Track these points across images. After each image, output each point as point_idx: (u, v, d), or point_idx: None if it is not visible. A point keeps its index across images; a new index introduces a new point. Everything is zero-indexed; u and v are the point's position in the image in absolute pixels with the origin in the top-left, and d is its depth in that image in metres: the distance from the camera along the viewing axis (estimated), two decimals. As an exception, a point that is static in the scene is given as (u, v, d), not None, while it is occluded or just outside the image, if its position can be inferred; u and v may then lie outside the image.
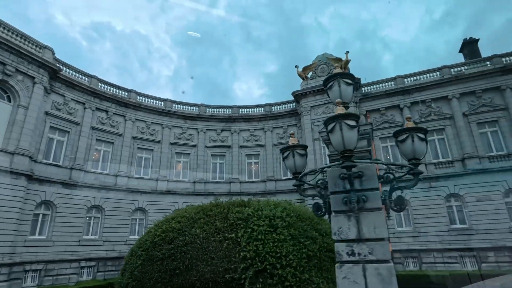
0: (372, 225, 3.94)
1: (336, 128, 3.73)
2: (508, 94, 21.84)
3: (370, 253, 3.84)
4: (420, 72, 25.15)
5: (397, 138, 4.36)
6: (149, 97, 27.50)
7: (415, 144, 4.18)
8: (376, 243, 3.86)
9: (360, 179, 4.20)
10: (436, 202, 21.49)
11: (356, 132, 3.73)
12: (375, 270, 3.73)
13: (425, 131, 4.32)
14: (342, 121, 3.69)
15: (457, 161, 22.07)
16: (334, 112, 16.16)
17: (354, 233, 3.98)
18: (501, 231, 19.53)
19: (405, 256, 21.19)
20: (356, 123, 3.75)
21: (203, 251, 9.27)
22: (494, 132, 22.02)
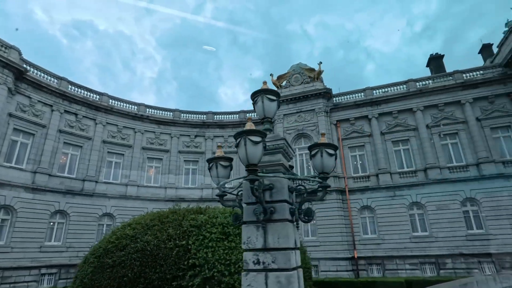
0: (277, 235, 4.18)
1: (241, 143, 3.96)
2: (467, 108, 23.02)
3: (273, 261, 4.07)
4: (388, 84, 26.14)
5: (310, 153, 4.64)
6: (122, 101, 27.23)
7: (323, 159, 4.47)
8: (279, 252, 4.09)
9: (271, 191, 4.44)
10: (399, 210, 22.24)
11: (260, 147, 3.97)
12: (276, 278, 3.96)
13: (335, 148, 4.62)
14: (247, 136, 3.93)
15: (420, 171, 22.97)
16: (306, 121, 16.94)
17: (261, 242, 4.21)
18: (458, 239, 20.43)
19: (370, 263, 21.76)
20: (262, 138, 4.00)
21: (153, 258, 9.29)
22: (454, 144, 23.09)
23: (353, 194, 23.66)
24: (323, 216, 22.86)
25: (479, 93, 23.03)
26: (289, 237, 4.20)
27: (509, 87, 22.55)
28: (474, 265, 19.61)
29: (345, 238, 22.27)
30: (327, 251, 21.88)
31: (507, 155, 21.69)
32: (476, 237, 20.19)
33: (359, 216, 23.19)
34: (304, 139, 26.15)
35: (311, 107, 26.26)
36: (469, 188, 21.19)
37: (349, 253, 21.88)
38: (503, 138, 22.15)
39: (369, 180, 23.90)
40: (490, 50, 27.82)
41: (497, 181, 20.79)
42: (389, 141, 24.50)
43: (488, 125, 22.42)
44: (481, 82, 23.10)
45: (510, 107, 22.30)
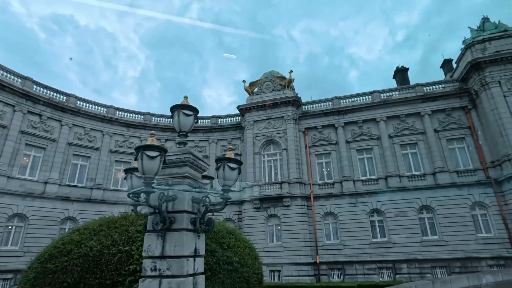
0: (174, 244, 4.46)
1: (139, 157, 4.23)
2: (426, 119, 24.18)
3: (167, 268, 4.34)
4: (354, 94, 27.09)
5: (216, 165, 4.95)
6: (91, 102, 26.87)
7: (225, 172, 4.79)
8: (174, 260, 4.37)
9: (173, 202, 4.72)
10: (360, 216, 23.00)
11: (157, 161, 4.24)
12: (168, 284, 4.23)
13: (238, 162, 4.96)
14: (144, 151, 4.20)
15: (381, 179, 23.87)
16: (275, 128, 17.41)
17: (159, 250, 4.47)
18: (414, 245, 21.35)
19: (331, 268, 22.33)
20: (159, 153, 4.27)
21: (95, 264, 9.33)
22: (414, 154, 24.17)
23: (318, 201, 24.26)
24: (288, 221, 23.32)
25: (437, 106, 24.28)
26: (185, 245, 4.48)
27: (465, 101, 23.90)
28: (428, 270, 20.54)
29: (308, 243, 22.79)
30: (290, 256, 22.31)
31: (461, 165, 22.94)
32: (431, 243, 21.16)
33: (323, 222, 23.80)
34: (273, 145, 26.65)
35: (281, 114, 26.82)
36: (425, 196, 22.22)
37: (311, 258, 22.39)
38: (458, 149, 23.40)
39: (333, 187, 24.60)
40: (450, 65, 29.35)
41: (450, 189, 21.92)
42: (353, 150, 25.34)
43: (445, 136, 23.64)
44: (439, 95, 24.36)
45: (465, 120, 23.61)
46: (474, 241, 20.46)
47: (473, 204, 21.39)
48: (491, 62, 22.20)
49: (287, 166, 24.99)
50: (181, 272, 4.30)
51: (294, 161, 24.95)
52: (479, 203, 21.31)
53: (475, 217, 21.27)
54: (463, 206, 21.35)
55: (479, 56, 22.59)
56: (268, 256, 22.71)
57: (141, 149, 4.24)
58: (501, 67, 22.07)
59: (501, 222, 20.45)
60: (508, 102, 21.18)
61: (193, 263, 4.60)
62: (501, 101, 21.23)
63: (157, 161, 4.27)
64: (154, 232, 4.60)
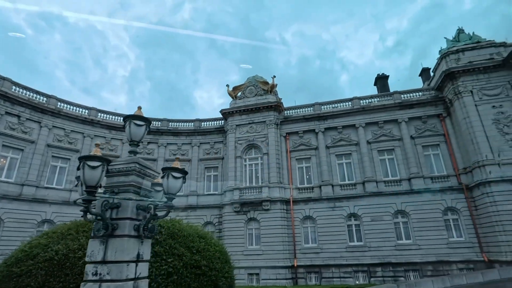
0: (115, 250, 4.68)
1: (81, 167, 4.44)
2: (403, 126, 24.87)
3: (107, 273, 4.55)
4: (335, 100, 27.63)
5: (162, 173, 5.20)
6: (73, 104, 26.72)
7: (169, 181, 5.04)
8: (114, 265, 4.59)
9: (117, 210, 4.94)
10: (338, 221, 23.45)
11: (98, 171, 4.46)
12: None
13: (182, 172, 5.21)
14: (85, 162, 4.42)
15: (359, 183, 24.39)
16: (257, 132, 17.77)
17: (101, 255, 4.68)
18: (388, 249, 21.88)
19: (308, 271, 22.68)
20: (101, 163, 4.49)
21: (60, 267, 9.40)
22: (391, 159, 24.80)
23: (297, 205, 24.63)
24: (267, 225, 23.60)
25: (414, 113, 25.00)
26: (126, 251, 4.71)
27: (440, 109, 24.68)
28: (401, 273, 21.07)
29: (287, 247, 23.10)
30: (269, 259, 22.57)
31: (436, 171, 23.65)
32: (404, 247, 21.73)
33: (302, 226, 24.16)
34: (255, 150, 26.94)
35: (263, 119, 27.16)
36: (400, 201, 22.82)
37: (289, 261, 22.70)
38: (433, 155, 24.12)
39: (313, 191, 25.02)
40: (428, 73, 30.25)
41: (425, 195, 22.57)
42: (333, 155, 25.84)
43: (421, 143, 24.34)
44: (416, 103, 25.10)
45: (440, 127, 24.37)
46: (446, 245, 21.11)
47: (446, 209, 22.07)
48: (464, 72, 23.03)
49: (267, 170, 25.32)
50: (120, 276, 4.51)
51: (275, 166, 25.29)
52: (451, 208, 22.01)
53: (447, 221, 21.95)
54: (436, 211, 22.02)
55: (453, 66, 23.41)
56: (247, 260, 22.99)
57: (83, 159, 4.45)
58: (473, 77, 22.90)
59: (472, 227, 21.17)
60: (479, 111, 21.99)
61: (134, 268, 4.82)
62: (472, 110, 22.03)
63: (99, 171, 4.49)
64: (97, 238, 4.81)
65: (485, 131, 21.34)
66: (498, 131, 21.22)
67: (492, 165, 20.33)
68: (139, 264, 4.96)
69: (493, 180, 19.89)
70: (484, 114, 21.81)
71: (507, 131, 21.04)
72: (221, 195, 26.51)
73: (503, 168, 20.17)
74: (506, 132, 21.04)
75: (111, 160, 4.80)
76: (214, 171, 28.48)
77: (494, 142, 20.99)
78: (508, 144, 20.77)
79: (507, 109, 21.58)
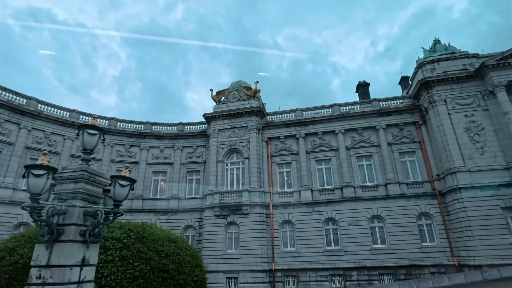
0: (59, 254, 4.90)
1: (26, 175, 4.66)
2: (381, 133, 25.52)
3: (50, 277, 4.76)
4: (316, 107, 28.17)
5: (110, 182, 5.44)
6: (54, 106, 26.58)
7: (116, 189, 5.29)
8: (57, 269, 4.81)
9: (64, 216, 5.16)
10: (316, 225, 23.86)
11: (43, 180, 4.68)
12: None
13: (129, 180, 5.46)
14: (30, 170, 4.64)
15: (337, 188, 24.89)
16: (239, 137, 18.21)
17: (45, 260, 4.89)
18: (364, 253, 22.36)
19: (286, 275, 22.98)
20: (46, 172, 4.72)
21: (24, 271, 9.49)
22: (369, 165, 25.39)
23: (277, 209, 24.97)
24: (246, 229, 23.85)
25: (392, 120, 25.70)
26: (70, 255, 4.93)
27: (416, 116, 25.44)
28: (376, 277, 21.56)
29: (265, 251, 23.37)
30: (247, 263, 22.80)
31: (411, 177, 24.32)
32: (379, 251, 22.24)
33: (281, 230, 24.49)
34: (236, 154, 27.21)
35: (245, 124, 27.48)
36: (376, 206, 23.37)
37: (267, 265, 22.97)
38: (409, 162, 24.80)
39: (292, 196, 25.40)
40: (407, 82, 31.10)
41: (400, 200, 23.20)
42: (313, 160, 26.32)
43: (397, 149, 25.02)
44: (393, 110, 25.81)
45: (416, 134, 25.10)
46: (419, 249, 21.70)
47: (420, 214, 22.71)
48: (438, 81, 23.83)
49: (248, 175, 25.61)
50: (62, 280, 4.73)
51: (256, 170, 25.61)
52: (425, 213, 22.66)
53: (421, 226, 22.58)
54: (411, 216, 22.63)
55: (428, 76, 24.20)
56: (226, 263, 23.18)
57: (28, 168, 4.67)
58: (447, 87, 23.72)
59: (444, 232, 21.83)
60: (452, 119, 22.76)
61: (79, 272, 5.04)
62: (445, 118, 22.79)
63: (43, 179, 4.71)
64: (43, 243, 5.02)
65: (457, 139, 22.10)
66: (469, 139, 22.00)
67: (462, 172, 21.05)
68: (84, 268, 5.17)
69: (464, 186, 20.60)
70: (457, 123, 22.59)
71: (478, 139, 21.84)
72: (202, 198, 26.68)
73: (473, 175, 20.92)
74: (476, 140, 21.83)
75: (57, 169, 5.03)
76: (196, 175, 28.64)
77: (466, 150, 21.75)
78: (478, 152, 21.56)
79: (478, 118, 22.41)
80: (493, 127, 21.87)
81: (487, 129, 21.96)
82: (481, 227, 19.48)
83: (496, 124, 21.80)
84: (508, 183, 20.11)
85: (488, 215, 19.68)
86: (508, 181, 20.17)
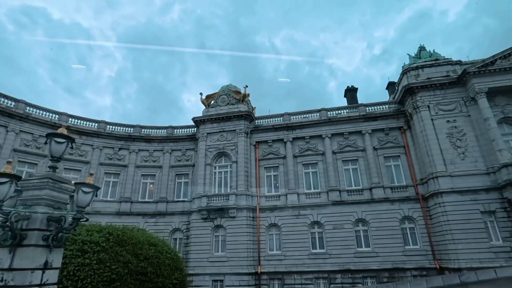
0: (21, 258, 5.13)
1: (-11, 183, 4.90)
2: (367, 138, 25.95)
3: (12, 279, 4.99)
4: (304, 111, 28.56)
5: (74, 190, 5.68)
6: (42, 109, 26.67)
7: (79, 196, 5.54)
8: (19, 272, 5.04)
9: (28, 221, 5.40)
10: (302, 228, 24.16)
11: (6, 187, 4.93)
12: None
13: (92, 187, 5.71)
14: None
15: (323, 192, 25.22)
16: (228, 140, 18.63)
17: (8, 263, 5.12)
18: (348, 256, 22.69)
19: (272, 278, 23.22)
20: (8, 180, 4.96)
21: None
22: (354, 169, 25.78)
23: (264, 212, 25.23)
24: (233, 232, 24.07)
25: (377, 125, 26.15)
26: (31, 259, 5.16)
27: (401, 121, 25.92)
28: (359, 280, 21.88)
29: (251, 254, 23.60)
30: (233, 266, 23.00)
31: (396, 181, 24.75)
32: (363, 254, 22.58)
33: (267, 233, 24.75)
34: (225, 158, 27.48)
35: (233, 128, 27.77)
36: (361, 210, 23.74)
37: (253, 268, 23.19)
38: (393, 166, 25.25)
39: (279, 200, 25.69)
40: (394, 87, 31.61)
41: (384, 204, 23.59)
42: (300, 164, 26.66)
43: (383, 154, 25.45)
44: (379, 115, 26.27)
45: (401, 139, 25.57)
46: (402, 252, 22.08)
47: (403, 218, 23.12)
48: (422, 87, 24.34)
49: (236, 178, 25.87)
50: (23, 282, 4.97)
51: (243, 174, 25.87)
52: (408, 217, 23.06)
53: (404, 230, 22.98)
54: (394, 220, 23.03)
55: (413, 82, 24.71)
56: (213, 266, 23.38)
57: (-11, 175, 4.91)
58: (430, 93, 24.23)
59: (426, 235, 22.23)
60: (435, 125, 23.25)
61: (41, 275, 5.27)
62: (429, 124, 23.27)
63: (6, 186, 4.95)
64: (7, 247, 5.25)
65: (440, 144, 22.58)
66: (451, 145, 22.48)
67: (444, 176, 21.50)
68: (47, 271, 5.41)
69: (445, 191, 21.05)
70: (439, 128, 23.07)
71: (459, 144, 22.33)
72: (190, 202, 26.86)
73: (454, 180, 21.38)
74: (458, 145, 22.32)
75: (20, 176, 5.27)
76: (185, 178, 28.83)
77: (447, 155, 22.22)
78: (460, 157, 22.04)
79: (460, 124, 22.92)
80: (475, 133, 22.38)
81: (468, 135, 22.47)
82: (461, 230, 19.90)
83: (477, 129, 22.31)
84: (488, 188, 20.60)
85: (468, 219, 20.12)
86: (488, 186, 20.67)
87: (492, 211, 20.20)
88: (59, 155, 6.23)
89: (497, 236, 19.79)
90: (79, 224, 5.91)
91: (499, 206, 20.12)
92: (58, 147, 6.13)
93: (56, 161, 6.22)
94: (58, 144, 6.12)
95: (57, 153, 6.17)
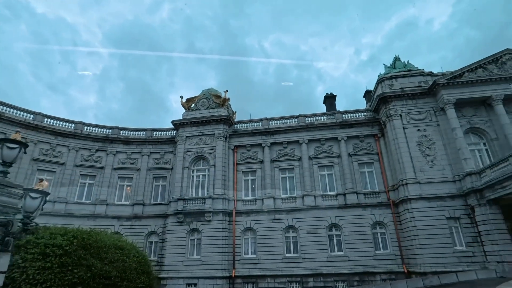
0: (-37, 263, 5.22)
1: None
2: (342, 144, 26.60)
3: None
4: (283, 117, 29.03)
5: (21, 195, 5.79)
6: (16, 108, 26.13)
7: (27, 201, 5.65)
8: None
9: (-28, 226, 5.49)
10: (277, 232, 24.49)
11: None
12: None
13: (41, 193, 5.83)
14: None
15: (299, 197, 25.67)
16: (206, 144, 18.76)
17: (-51, 268, 5.21)
18: (321, 260, 23.14)
19: (246, 281, 23.42)
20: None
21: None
22: (330, 175, 26.36)
23: (240, 216, 25.45)
24: (208, 236, 24.16)
25: (352, 132, 26.86)
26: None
27: (375, 129, 26.70)
28: (331, 284, 22.35)
29: (226, 257, 23.75)
30: (208, 270, 23.08)
31: (369, 187, 25.44)
32: (336, 258, 23.08)
33: (243, 237, 24.96)
34: (203, 161, 27.58)
35: (212, 132, 27.94)
36: (334, 215, 24.28)
37: (228, 272, 23.34)
38: (367, 172, 25.95)
39: (255, 204, 25.97)
40: (370, 95, 32.51)
41: (356, 209, 24.21)
42: (277, 169, 27.05)
43: (357, 160, 26.14)
44: (354, 123, 26.99)
45: (375, 146, 26.33)
46: (372, 257, 22.69)
47: (375, 223, 23.78)
48: (395, 97, 25.19)
49: (213, 182, 26.00)
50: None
51: (220, 177, 26.04)
52: (380, 222, 23.74)
53: (376, 235, 23.64)
54: (366, 225, 23.66)
55: (386, 91, 25.54)
56: (187, 270, 23.39)
57: None
58: (403, 102, 25.10)
59: (396, 240, 22.94)
60: (406, 133, 24.08)
61: (-16, 279, 5.35)
62: (400, 132, 24.08)
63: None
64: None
65: (410, 152, 23.40)
66: (421, 153, 23.33)
67: (413, 183, 22.27)
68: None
69: (413, 197, 21.81)
70: (410, 137, 23.91)
71: (428, 153, 23.20)
72: (167, 205, 26.80)
73: (422, 187, 22.18)
74: (427, 154, 23.19)
75: (-35, 182, 5.35)
76: (162, 181, 28.74)
77: (417, 163, 23.05)
78: (428, 165, 22.90)
79: (429, 133, 23.83)
80: (443, 142, 23.31)
81: (437, 144, 23.38)
82: (428, 236, 20.66)
83: (446, 139, 23.26)
84: (453, 195, 21.48)
85: (434, 225, 20.91)
86: (454, 193, 21.55)
87: (457, 217, 21.06)
88: (11, 161, 6.32)
89: (461, 241, 20.64)
90: (29, 228, 6.00)
91: (463, 212, 21.01)
92: (10, 152, 6.23)
93: (7, 166, 6.30)
94: (10, 149, 6.21)
95: (9, 158, 6.26)
